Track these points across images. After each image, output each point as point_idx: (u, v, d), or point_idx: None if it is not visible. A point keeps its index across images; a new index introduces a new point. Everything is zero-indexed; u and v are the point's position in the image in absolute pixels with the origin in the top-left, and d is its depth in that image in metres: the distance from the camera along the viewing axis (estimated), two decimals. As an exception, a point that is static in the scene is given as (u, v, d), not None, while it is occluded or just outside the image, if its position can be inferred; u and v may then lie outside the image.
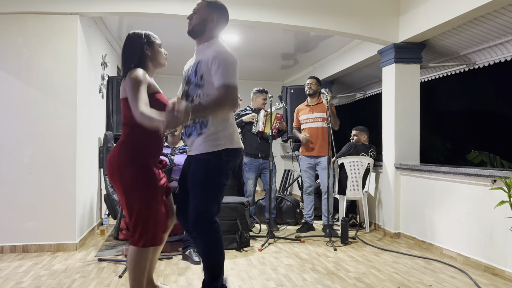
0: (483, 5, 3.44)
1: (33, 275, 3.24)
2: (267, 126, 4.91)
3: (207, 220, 2.28)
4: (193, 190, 2.32)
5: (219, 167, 2.31)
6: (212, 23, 2.42)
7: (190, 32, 2.46)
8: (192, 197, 2.31)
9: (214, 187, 2.31)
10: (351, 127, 5.51)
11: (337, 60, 6.56)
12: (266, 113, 4.96)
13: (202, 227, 2.28)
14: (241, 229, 4.08)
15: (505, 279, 3.19)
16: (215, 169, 2.30)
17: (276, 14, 4.36)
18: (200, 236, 2.31)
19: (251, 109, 5.10)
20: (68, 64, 4.05)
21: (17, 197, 3.93)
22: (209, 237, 2.30)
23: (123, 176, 2.24)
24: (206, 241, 2.30)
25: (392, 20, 4.65)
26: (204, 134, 2.31)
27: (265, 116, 4.95)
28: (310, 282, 3.14)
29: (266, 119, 4.93)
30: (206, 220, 2.28)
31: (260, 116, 4.97)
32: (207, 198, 2.29)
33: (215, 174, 2.31)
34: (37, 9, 3.97)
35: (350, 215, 5.30)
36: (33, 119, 3.98)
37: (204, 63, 2.31)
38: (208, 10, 2.42)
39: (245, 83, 7.83)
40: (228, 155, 2.32)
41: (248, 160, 4.99)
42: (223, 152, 2.30)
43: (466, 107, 10.72)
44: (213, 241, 2.31)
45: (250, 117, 4.95)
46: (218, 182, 2.32)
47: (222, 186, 2.35)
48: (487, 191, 3.38)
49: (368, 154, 5.11)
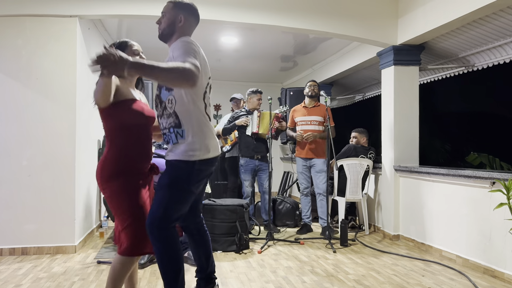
0: (482, 7, 3.45)
1: (32, 278, 3.24)
2: (261, 127, 4.91)
3: (161, 225, 2.17)
4: (157, 192, 2.25)
5: (188, 175, 2.24)
6: (180, 24, 2.34)
7: (160, 37, 2.37)
8: (155, 199, 2.24)
9: (178, 194, 2.23)
10: (350, 129, 5.51)
11: (336, 62, 6.56)
12: (259, 114, 4.95)
13: (153, 231, 2.17)
14: (241, 231, 4.08)
15: (504, 281, 3.19)
16: (183, 177, 2.23)
17: (275, 16, 4.37)
18: (152, 240, 2.20)
19: (246, 111, 5.11)
20: (67, 66, 4.05)
21: (16, 199, 3.93)
22: (159, 243, 2.19)
23: (109, 189, 2.20)
24: (157, 246, 2.20)
25: (391, 23, 4.66)
26: (180, 144, 2.24)
27: (258, 116, 4.94)
28: (309, 284, 3.13)
29: (260, 119, 4.93)
30: (160, 225, 2.17)
31: (253, 117, 4.97)
32: (168, 203, 2.20)
33: (182, 181, 2.23)
34: (36, 11, 3.97)
35: (350, 217, 5.30)
36: (32, 121, 3.97)
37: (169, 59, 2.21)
38: (174, 11, 2.34)
39: (244, 85, 7.83)
40: (201, 165, 2.25)
41: (244, 162, 5.00)
42: (196, 162, 2.23)
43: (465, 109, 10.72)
44: (163, 248, 2.20)
45: (243, 122, 4.97)
46: (183, 190, 2.25)
47: (188, 194, 2.27)
48: (486, 193, 3.39)
49: (367, 156, 5.11)
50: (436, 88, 7.90)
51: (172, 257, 2.24)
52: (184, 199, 2.27)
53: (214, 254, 4.00)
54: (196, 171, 2.25)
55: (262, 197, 5.05)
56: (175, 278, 2.25)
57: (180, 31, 2.34)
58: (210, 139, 2.31)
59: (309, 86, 5.02)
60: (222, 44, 5.99)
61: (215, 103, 8.93)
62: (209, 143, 2.29)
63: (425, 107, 5.29)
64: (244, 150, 5.03)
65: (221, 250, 4.07)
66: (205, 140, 2.27)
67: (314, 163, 4.90)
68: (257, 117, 4.95)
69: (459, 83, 7.61)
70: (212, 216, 4.10)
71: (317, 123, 4.93)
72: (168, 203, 2.21)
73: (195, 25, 2.44)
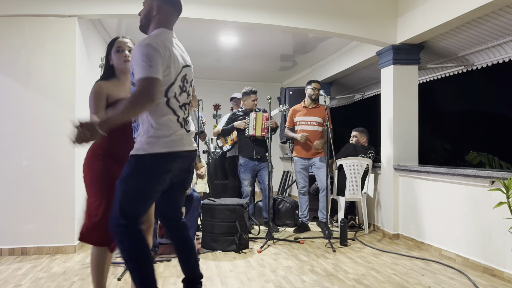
0: (481, 6, 3.45)
1: (32, 278, 3.24)
2: (257, 129, 4.90)
3: (119, 222, 2.11)
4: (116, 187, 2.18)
5: (140, 171, 2.13)
6: (155, 13, 2.24)
7: (140, 28, 2.33)
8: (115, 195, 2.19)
9: (134, 190, 2.13)
10: (349, 128, 5.51)
11: (335, 61, 6.56)
12: (255, 116, 4.94)
13: (112, 228, 2.13)
14: (240, 231, 4.08)
15: (504, 280, 3.19)
16: (136, 173, 2.13)
17: (275, 16, 4.36)
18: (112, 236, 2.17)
19: (243, 111, 5.11)
20: (67, 66, 4.05)
21: (15, 199, 3.93)
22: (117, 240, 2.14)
23: (84, 176, 2.35)
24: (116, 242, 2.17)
25: (390, 22, 4.66)
26: (137, 138, 2.19)
27: (254, 118, 4.93)
28: (309, 284, 3.14)
29: (256, 121, 4.92)
30: (117, 222, 2.11)
31: (250, 119, 4.97)
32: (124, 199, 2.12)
33: (136, 177, 2.13)
34: (35, 11, 3.97)
35: (349, 217, 5.30)
36: (31, 121, 3.97)
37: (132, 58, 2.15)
38: (150, 0, 2.25)
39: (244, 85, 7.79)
40: (153, 160, 2.12)
41: (243, 162, 5.03)
42: (146, 157, 2.11)
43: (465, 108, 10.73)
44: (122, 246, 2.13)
45: (241, 124, 4.98)
46: (136, 185, 2.13)
47: (146, 192, 2.16)
48: (485, 192, 3.39)
49: (367, 155, 5.12)
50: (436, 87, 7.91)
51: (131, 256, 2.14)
52: (142, 195, 2.16)
53: (214, 253, 4.00)
54: (148, 167, 2.12)
55: (264, 194, 5.08)
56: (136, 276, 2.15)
57: (156, 21, 2.25)
58: (166, 133, 2.15)
59: (314, 89, 4.95)
60: (221, 43, 5.98)
61: (214, 103, 8.91)
62: (162, 137, 2.14)
63: (425, 106, 5.28)
64: (243, 150, 5.05)
65: (220, 250, 4.07)
66: (158, 134, 2.13)
67: (313, 162, 4.92)
68: (253, 119, 4.94)
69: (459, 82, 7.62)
70: (212, 215, 4.10)
71: (316, 123, 4.93)
72: (123, 199, 2.12)
73: (174, 15, 2.31)
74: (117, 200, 2.13)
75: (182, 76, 2.23)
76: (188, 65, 2.31)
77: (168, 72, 2.13)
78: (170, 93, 2.16)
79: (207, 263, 3.67)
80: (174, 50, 2.19)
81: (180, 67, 2.21)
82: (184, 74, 2.25)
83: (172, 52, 2.16)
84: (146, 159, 2.12)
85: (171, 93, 2.17)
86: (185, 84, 2.26)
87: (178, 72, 2.20)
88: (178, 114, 2.21)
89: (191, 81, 2.35)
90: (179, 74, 2.21)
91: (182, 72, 2.23)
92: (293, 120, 5.08)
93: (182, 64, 2.23)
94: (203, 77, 8.26)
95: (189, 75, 2.31)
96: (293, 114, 5.10)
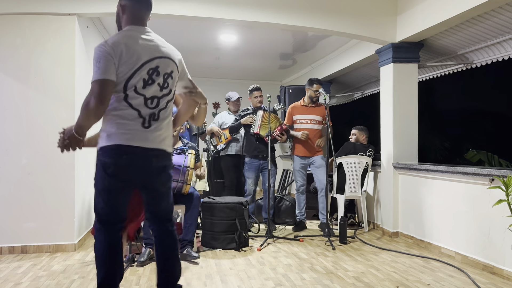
0: (480, 4, 3.45)
1: (32, 276, 3.24)
2: (262, 128, 4.88)
3: (96, 219, 2.30)
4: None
5: (97, 166, 2.22)
6: (122, 13, 2.30)
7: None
8: None
9: (96, 187, 2.25)
10: (349, 126, 5.51)
11: (335, 59, 6.56)
12: (263, 114, 4.91)
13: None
14: (240, 229, 4.08)
15: (503, 278, 3.20)
16: (96, 169, 2.23)
17: (274, 14, 4.36)
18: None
19: (252, 109, 5.10)
20: (66, 65, 4.05)
21: (15, 197, 3.93)
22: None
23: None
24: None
25: (390, 20, 4.66)
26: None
27: (261, 117, 4.90)
28: (309, 281, 3.14)
29: (262, 120, 4.89)
30: (95, 219, 2.30)
31: (257, 117, 4.95)
32: (94, 197, 2.28)
33: (96, 173, 2.24)
34: (34, 9, 3.96)
35: (349, 215, 5.31)
36: (31, 120, 3.97)
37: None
38: (118, 3, 2.33)
39: (243, 83, 7.82)
40: (102, 153, 2.18)
41: (248, 160, 5.05)
42: (100, 151, 2.20)
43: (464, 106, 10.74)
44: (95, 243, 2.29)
45: (248, 120, 4.97)
46: (98, 182, 2.24)
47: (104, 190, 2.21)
48: (485, 190, 3.39)
49: (366, 154, 5.12)
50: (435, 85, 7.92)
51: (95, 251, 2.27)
52: (99, 191, 2.23)
53: (214, 251, 4.01)
54: (101, 161, 2.19)
55: (264, 194, 5.08)
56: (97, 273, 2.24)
57: (124, 20, 2.30)
58: (114, 127, 2.15)
59: (314, 92, 4.90)
60: (221, 42, 5.98)
61: (213, 101, 8.90)
62: (112, 130, 2.15)
63: (424, 104, 5.30)
64: (248, 149, 5.06)
65: (220, 248, 4.08)
66: (108, 128, 2.16)
67: (313, 160, 4.92)
68: (260, 117, 4.92)
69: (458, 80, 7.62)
70: (212, 213, 4.11)
71: (316, 122, 4.94)
72: (94, 197, 2.28)
73: (141, 10, 2.29)
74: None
75: (149, 69, 2.18)
76: (163, 56, 2.24)
77: (125, 67, 2.12)
78: (129, 88, 2.14)
79: (207, 261, 3.68)
80: (135, 44, 2.16)
81: (142, 60, 2.15)
82: (154, 66, 2.19)
83: (130, 47, 2.14)
84: (98, 154, 2.21)
85: (130, 87, 2.14)
86: (153, 77, 2.19)
87: (139, 65, 2.14)
88: (139, 108, 2.16)
89: (170, 73, 2.26)
90: (143, 67, 2.16)
91: (148, 65, 2.17)
92: (292, 118, 5.06)
93: (150, 56, 2.18)
94: (203, 75, 8.26)
95: (163, 67, 2.23)
96: (292, 112, 5.09)
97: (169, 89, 2.28)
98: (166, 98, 2.27)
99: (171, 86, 2.29)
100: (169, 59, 2.27)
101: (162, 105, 2.25)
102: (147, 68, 2.18)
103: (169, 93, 2.28)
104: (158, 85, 2.21)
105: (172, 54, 2.30)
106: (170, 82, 2.27)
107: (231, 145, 5.39)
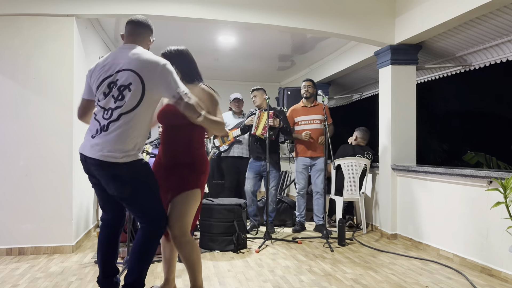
0: (479, 6, 3.46)
1: (30, 278, 3.23)
2: (258, 128, 4.85)
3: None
4: None
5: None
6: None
7: None
8: None
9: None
10: (347, 128, 5.51)
11: (333, 61, 6.57)
12: (259, 114, 4.82)
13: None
14: (238, 231, 4.07)
15: (501, 280, 3.20)
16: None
17: (273, 16, 4.37)
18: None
19: (256, 110, 5.08)
20: (65, 66, 4.04)
21: (13, 199, 3.92)
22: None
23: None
24: None
25: (388, 22, 4.66)
26: None
27: (258, 117, 4.84)
28: (307, 283, 3.14)
29: (259, 120, 4.86)
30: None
31: (255, 117, 4.92)
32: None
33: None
34: (33, 11, 3.96)
35: (347, 217, 5.31)
36: (29, 121, 3.96)
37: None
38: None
39: (242, 85, 7.84)
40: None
41: (251, 161, 5.06)
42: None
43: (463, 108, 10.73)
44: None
45: (249, 121, 4.95)
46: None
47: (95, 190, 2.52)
48: (483, 192, 3.39)
49: (364, 155, 5.12)
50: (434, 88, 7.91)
51: (99, 246, 2.55)
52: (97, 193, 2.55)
53: (212, 253, 4.00)
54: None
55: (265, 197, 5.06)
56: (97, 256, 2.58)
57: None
58: (87, 135, 2.36)
59: (304, 87, 5.02)
60: (219, 43, 5.98)
61: (212, 103, 8.89)
62: (85, 138, 2.39)
63: (423, 106, 5.29)
64: (251, 150, 5.07)
65: (218, 250, 4.07)
66: (87, 135, 2.39)
67: (316, 162, 4.92)
68: (257, 117, 4.84)
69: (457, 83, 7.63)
70: (210, 215, 4.10)
71: (318, 121, 4.95)
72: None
73: (127, 30, 2.50)
74: None
75: (109, 82, 2.30)
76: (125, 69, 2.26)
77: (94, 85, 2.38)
78: (96, 102, 2.37)
79: (205, 263, 3.67)
80: (103, 62, 2.38)
81: (104, 75, 2.32)
82: (114, 80, 2.28)
83: (97, 66, 2.40)
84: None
85: (96, 101, 2.37)
86: (112, 89, 2.28)
87: (101, 80, 2.33)
88: (98, 119, 2.31)
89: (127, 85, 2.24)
90: (104, 81, 2.31)
91: (109, 79, 2.30)
92: (293, 120, 5.07)
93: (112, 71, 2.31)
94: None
95: (122, 79, 2.25)
96: (292, 114, 5.10)
97: (124, 101, 2.24)
98: (118, 111, 2.24)
99: (129, 98, 2.24)
100: (131, 71, 2.26)
101: (114, 117, 2.25)
102: (109, 81, 2.32)
103: (123, 106, 2.23)
104: (112, 97, 2.28)
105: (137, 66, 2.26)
106: (126, 94, 2.24)
107: (234, 147, 5.39)
